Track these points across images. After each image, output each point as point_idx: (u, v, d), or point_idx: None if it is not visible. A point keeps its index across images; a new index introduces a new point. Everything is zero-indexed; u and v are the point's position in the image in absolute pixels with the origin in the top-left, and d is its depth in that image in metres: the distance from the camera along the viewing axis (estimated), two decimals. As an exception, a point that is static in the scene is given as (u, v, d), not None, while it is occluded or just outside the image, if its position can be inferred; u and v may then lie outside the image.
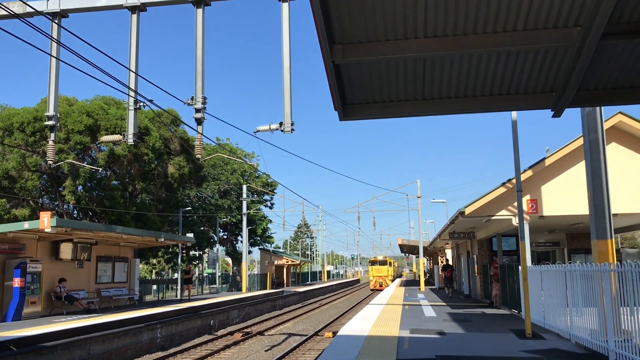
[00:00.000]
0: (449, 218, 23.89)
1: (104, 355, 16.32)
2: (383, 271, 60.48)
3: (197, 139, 14.61)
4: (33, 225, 18.07)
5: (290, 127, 14.08)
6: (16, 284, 19.12)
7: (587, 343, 10.56)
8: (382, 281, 59.30)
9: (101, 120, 31.36)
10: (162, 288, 44.25)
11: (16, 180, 30.19)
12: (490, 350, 10.71)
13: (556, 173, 17.76)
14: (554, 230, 24.97)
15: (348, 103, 7.01)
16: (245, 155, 58.30)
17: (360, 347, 11.22)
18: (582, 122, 11.46)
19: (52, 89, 14.73)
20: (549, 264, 13.76)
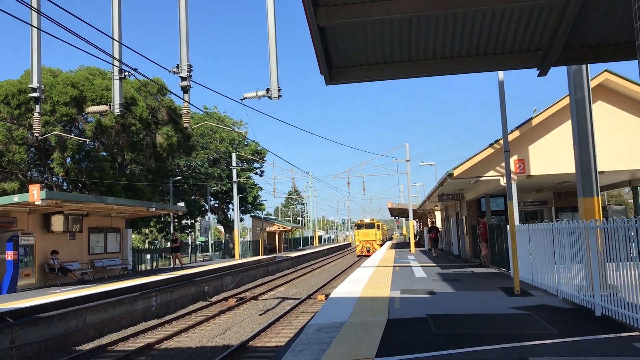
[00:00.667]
0: (438, 180, 24.06)
1: (100, 325, 16.50)
2: (370, 235, 54.48)
3: (184, 107, 14.57)
4: (23, 198, 18.02)
5: (277, 93, 14.06)
6: (9, 257, 19.16)
7: (574, 298, 10.81)
8: (370, 246, 53.45)
9: (87, 91, 31.00)
10: (155, 257, 44.48)
11: (3, 154, 29.95)
12: (480, 308, 10.95)
13: (543, 133, 17.86)
14: (542, 190, 25.25)
15: (334, 67, 7.00)
16: (233, 123, 57.99)
17: (352, 308, 11.42)
18: (568, 81, 11.49)
19: (34, 60, 14.56)
20: (536, 223, 13.95)
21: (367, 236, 54.48)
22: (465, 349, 7.34)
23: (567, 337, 7.92)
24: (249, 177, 59.03)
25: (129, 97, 31.72)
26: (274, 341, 14.48)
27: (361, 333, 8.69)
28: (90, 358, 13.60)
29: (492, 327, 8.94)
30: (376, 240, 54.54)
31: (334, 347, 7.75)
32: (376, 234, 54.92)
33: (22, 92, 29.06)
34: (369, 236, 54.43)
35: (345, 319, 10.08)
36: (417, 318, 10.00)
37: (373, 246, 53.11)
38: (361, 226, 55.97)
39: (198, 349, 13.98)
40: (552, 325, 8.89)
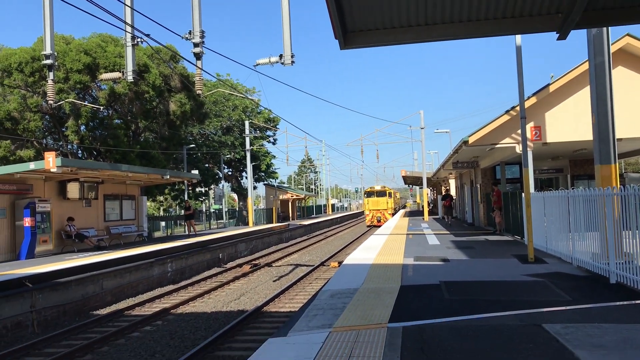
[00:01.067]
0: (453, 148, 23.87)
1: (117, 290, 16.77)
2: (381, 204, 50.65)
3: (196, 74, 14.48)
4: (39, 165, 18.17)
5: (291, 59, 13.92)
6: (27, 224, 19.44)
7: (589, 266, 10.77)
8: (381, 215, 49.98)
9: (100, 58, 30.93)
10: (170, 224, 44.94)
11: (19, 121, 30.12)
12: (493, 275, 10.95)
13: (560, 99, 17.58)
14: (558, 157, 24.99)
15: (349, 31, 6.86)
16: (246, 90, 57.72)
17: (366, 275, 11.48)
18: (587, 45, 11.22)
19: (47, 27, 14.50)
20: (552, 190, 13.83)
21: (377, 205, 50.72)
22: (478, 315, 7.36)
23: (581, 304, 7.91)
24: (262, 145, 59.00)
25: (141, 64, 31.62)
26: (287, 307, 14.64)
27: (374, 299, 8.74)
28: (108, 322, 13.86)
29: (506, 293, 8.95)
30: (387, 210, 50.41)
31: (347, 313, 7.81)
32: (387, 203, 50.72)
33: (35, 60, 29.06)
34: (379, 205, 50.62)
35: (359, 286, 10.13)
36: (430, 285, 10.03)
37: (384, 216, 49.59)
38: (371, 194, 51.84)
39: (213, 313, 14.19)
40: (566, 292, 8.87)
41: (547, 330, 6.38)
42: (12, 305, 12.87)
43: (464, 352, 5.67)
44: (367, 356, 5.64)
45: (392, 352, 5.73)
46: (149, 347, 11.14)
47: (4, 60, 29.62)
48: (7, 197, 19.60)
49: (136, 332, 12.57)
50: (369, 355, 5.68)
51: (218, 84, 50.09)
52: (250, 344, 10.71)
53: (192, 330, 12.40)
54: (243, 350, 10.34)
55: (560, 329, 6.43)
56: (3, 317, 12.53)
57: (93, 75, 30.87)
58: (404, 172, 55.50)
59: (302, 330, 6.99)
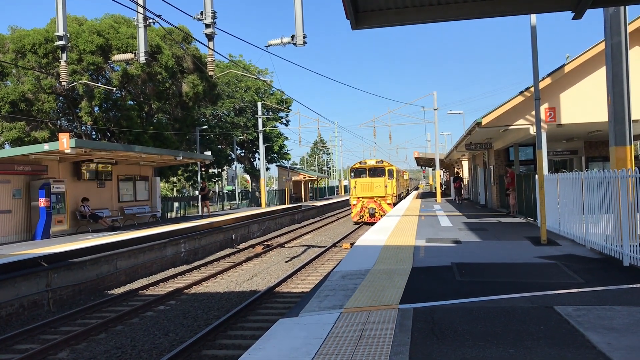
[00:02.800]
0: (466, 129, 23.70)
1: (130, 270, 16.97)
2: (377, 188, 34.25)
3: (209, 55, 14.45)
4: (53, 146, 18.32)
5: (302, 39, 13.83)
6: (42, 204, 19.67)
7: (602, 248, 10.71)
8: (376, 207, 33.94)
9: (112, 39, 30.94)
10: (183, 205, 45.24)
11: (33, 102, 30.30)
12: (506, 257, 10.92)
13: (576, 80, 17.34)
14: (572, 139, 24.72)
15: (360, 11, 6.79)
16: (258, 72, 57.58)
17: (377, 256, 11.50)
18: (604, 25, 11.03)
19: (60, 8, 14.50)
20: (566, 172, 13.72)
21: (369, 190, 34.26)
22: (490, 297, 7.36)
23: (594, 286, 7.88)
24: (274, 127, 58.95)
25: (154, 45, 31.61)
26: (300, 287, 14.74)
27: (386, 280, 8.76)
28: (122, 301, 14.04)
29: (518, 275, 8.93)
30: (386, 197, 33.90)
31: (359, 294, 7.84)
32: (386, 187, 34.17)
33: (48, 41, 29.13)
34: (373, 190, 34.21)
35: (370, 267, 10.16)
36: (442, 266, 10.03)
37: (381, 207, 33.77)
38: (361, 172, 35.19)
39: (226, 293, 14.32)
40: (579, 274, 8.84)
41: (558, 313, 6.37)
42: (29, 284, 13.07)
43: (474, 333, 5.68)
44: (378, 337, 5.67)
45: (402, 333, 5.76)
46: (162, 327, 11.29)
47: (18, 41, 29.72)
48: (22, 178, 19.80)
49: (150, 311, 12.73)
50: (380, 336, 5.71)
51: (230, 65, 49.96)
52: (262, 324, 10.82)
53: (205, 310, 12.54)
54: (255, 330, 10.45)
55: (572, 311, 6.42)
56: (20, 296, 12.74)
57: (106, 56, 30.92)
58: (417, 154, 55.04)
59: (313, 310, 7.04)
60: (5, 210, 19.08)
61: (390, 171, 34.80)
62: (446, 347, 5.26)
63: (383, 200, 33.71)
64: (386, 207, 33.29)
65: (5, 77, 31.26)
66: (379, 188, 33.90)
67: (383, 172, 34.52)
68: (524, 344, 5.29)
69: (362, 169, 35.07)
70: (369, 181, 34.29)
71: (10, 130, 30.23)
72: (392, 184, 34.50)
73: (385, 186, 33.89)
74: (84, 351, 9.84)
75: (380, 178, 34.13)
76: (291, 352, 5.31)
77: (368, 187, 34.02)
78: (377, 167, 34.83)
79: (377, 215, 33.01)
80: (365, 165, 35.14)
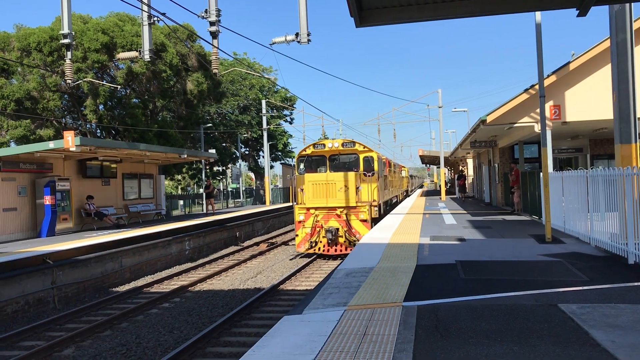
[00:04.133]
0: (471, 127, 23.65)
1: (135, 267, 17.02)
2: (339, 191, 19.03)
3: (213, 53, 14.46)
4: (58, 144, 18.37)
5: (307, 37, 13.83)
6: (47, 202, 19.74)
7: (607, 246, 10.68)
8: (340, 227, 19.08)
9: (117, 37, 31.00)
10: (188, 203, 45.29)
11: (38, 100, 30.41)
12: (510, 255, 10.91)
13: (581, 78, 17.28)
14: (577, 136, 24.63)
15: (364, 8, 6.79)
16: (263, 70, 57.60)
17: (381, 254, 11.50)
18: (609, 22, 10.99)
19: (65, 7, 14.54)
20: (570, 170, 13.69)
21: (328, 194, 19.24)
22: (493, 295, 7.35)
23: (598, 284, 7.86)
24: (279, 125, 58.97)
25: (158, 43, 31.64)
26: (304, 285, 14.76)
27: (390, 278, 8.77)
28: (127, 299, 14.09)
29: (522, 273, 8.92)
30: (358, 209, 19.23)
31: (363, 291, 7.85)
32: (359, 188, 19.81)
33: (53, 39, 29.21)
34: (333, 195, 19.20)
35: (374, 264, 10.17)
36: (446, 264, 10.03)
37: (350, 227, 19.15)
38: (315, 162, 21.75)
39: (230, 291, 14.36)
40: (583, 272, 8.82)
41: (562, 310, 6.36)
42: (34, 281, 13.13)
43: (478, 331, 5.69)
44: (382, 334, 5.68)
45: (406, 331, 5.77)
46: (167, 324, 11.32)
47: (23, 39, 29.82)
48: (27, 176, 19.88)
49: (154, 308, 12.78)
50: (384, 333, 5.72)
51: (235, 63, 50.01)
52: (266, 321, 10.84)
53: (210, 308, 12.57)
54: (259, 328, 10.48)
55: (576, 309, 6.41)
56: (25, 293, 12.80)
57: (111, 54, 30.98)
58: (422, 152, 54.91)
59: (317, 308, 7.05)
60: (10, 208, 19.16)
61: (369, 161, 20.77)
62: (450, 345, 5.26)
63: (354, 214, 18.93)
64: (359, 227, 18.80)
65: (10, 75, 31.36)
66: (346, 191, 18.83)
67: (355, 162, 20.79)
68: (528, 341, 5.28)
69: (316, 156, 21.00)
70: (328, 179, 19.11)
71: (15, 129, 30.34)
72: (371, 185, 20.44)
73: (357, 188, 19.18)
74: (89, 348, 9.89)
75: (349, 174, 19.18)
76: (295, 349, 5.33)
77: (326, 190, 18.94)
78: (344, 152, 20.84)
79: (342, 244, 18.81)
80: (323, 150, 20.66)
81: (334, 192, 18.90)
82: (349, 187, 18.93)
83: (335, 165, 21.07)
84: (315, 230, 19.08)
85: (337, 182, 18.91)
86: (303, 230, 19.30)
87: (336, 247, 19.00)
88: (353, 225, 18.98)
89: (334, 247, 19.01)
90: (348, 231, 18.89)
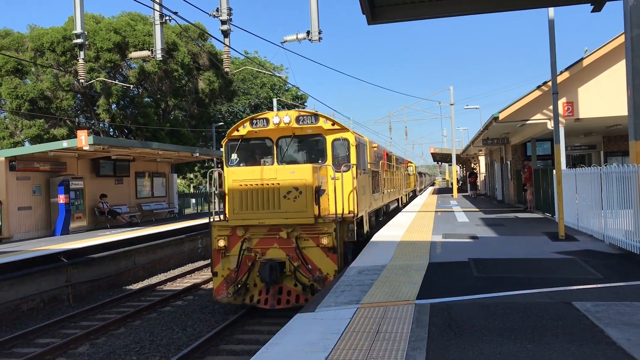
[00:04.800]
0: (483, 124, 23.54)
1: (149, 265, 17.13)
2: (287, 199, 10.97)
3: (224, 52, 14.51)
4: (71, 143, 18.53)
5: (318, 35, 13.82)
6: (61, 201, 19.92)
7: (621, 243, 10.59)
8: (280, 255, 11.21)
9: (129, 37, 31.19)
10: (200, 201, 45.45)
11: (52, 100, 30.68)
12: (523, 252, 10.85)
13: (594, 74, 17.13)
14: (590, 133, 24.45)
15: (376, 6, 6.79)
16: (274, 68, 57.64)
17: (394, 252, 11.48)
18: (624, 17, 10.87)
19: (77, 7, 14.63)
20: (584, 167, 13.60)
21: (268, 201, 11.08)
22: (507, 293, 7.31)
23: (613, 282, 7.80)
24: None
25: (170, 42, 31.80)
26: (316, 283, 14.74)
27: (402, 276, 8.75)
28: (140, 296, 14.18)
29: (536, 271, 8.86)
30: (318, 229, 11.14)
31: (375, 289, 7.84)
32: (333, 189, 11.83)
33: (66, 39, 29.44)
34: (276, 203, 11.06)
35: (387, 262, 10.15)
36: (459, 262, 9.99)
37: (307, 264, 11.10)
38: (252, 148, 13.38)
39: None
40: (597, 270, 8.76)
41: (577, 308, 6.32)
42: (49, 279, 13.27)
43: (492, 329, 5.66)
44: (395, 332, 5.68)
45: (419, 329, 5.76)
46: (180, 321, 11.39)
47: (37, 40, 30.09)
48: (41, 175, 20.06)
49: (168, 306, 12.86)
50: (397, 331, 5.71)
51: (246, 61, 50.10)
52: (279, 319, 10.84)
53: (223, 305, 12.62)
54: (272, 325, 10.50)
55: (591, 307, 6.36)
56: (40, 291, 12.93)
57: (123, 54, 31.18)
58: (433, 149, 54.66)
59: (330, 306, 7.06)
60: (25, 206, 19.35)
61: (342, 146, 13.06)
62: (464, 343, 5.25)
63: (311, 237, 11.29)
64: (320, 260, 11.24)
65: (24, 75, 31.66)
66: (297, 198, 11.11)
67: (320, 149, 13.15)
68: (542, 339, 5.26)
69: (256, 139, 13.34)
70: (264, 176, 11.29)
71: (29, 128, 30.64)
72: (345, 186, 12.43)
73: (316, 192, 11.21)
74: (104, 345, 9.97)
75: (303, 167, 11.36)
76: (308, 347, 5.34)
77: (263, 197, 11.22)
78: (301, 133, 13.10)
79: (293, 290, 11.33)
80: (265, 128, 12.97)
81: (276, 199, 10.98)
82: (304, 191, 10.94)
83: (288, 153, 13.02)
84: (246, 265, 11.25)
85: (282, 182, 10.95)
86: (225, 265, 11.43)
87: (280, 295, 11.19)
88: (309, 257, 11.12)
89: (278, 296, 11.15)
90: (301, 267, 11.08)
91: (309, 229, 11.08)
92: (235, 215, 11.18)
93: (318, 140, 12.97)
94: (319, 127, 12.62)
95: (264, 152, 13.21)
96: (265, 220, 11.02)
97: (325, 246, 11.02)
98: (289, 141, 13.02)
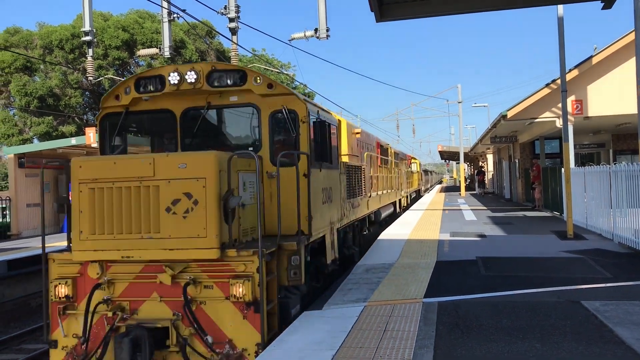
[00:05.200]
0: (491, 122, 23.47)
1: (157, 262, 17.14)
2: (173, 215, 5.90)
3: (232, 49, 14.54)
4: (80, 141, 18.60)
5: (326, 33, 13.81)
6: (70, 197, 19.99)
7: (631, 243, 10.52)
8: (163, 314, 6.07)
9: (137, 34, 31.29)
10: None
11: (60, 97, 30.84)
12: (532, 251, 10.81)
13: (604, 72, 17.02)
14: (599, 132, 24.31)
15: (384, 3, 6.76)
16: (281, 65, 57.64)
17: (401, 250, 11.47)
18: (634, 14, 10.78)
19: (86, 4, 14.68)
20: (593, 166, 13.53)
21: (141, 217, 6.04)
22: (515, 291, 7.29)
23: (622, 281, 7.76)
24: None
25: (178, 40, 31.87)
26: (323, 281, 14.74)
27: (410, 274, 8.74)
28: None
29: (544, 270, 8.83)
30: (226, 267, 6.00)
31: (382, 287, 7.83)
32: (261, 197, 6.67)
33: (75, 37, 29.58)
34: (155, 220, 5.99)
35: (394, 261, 10.14)
36: (466, 260, 9.97)
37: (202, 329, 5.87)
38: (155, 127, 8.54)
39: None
40: (606, 269, 8.71)
41: (585, 307, 6.29)
42: (57, 276, 13.29)
43: (500, 327, 5.64)
44: (402, 330, 5.67)
45: (427, 327, 5.75)
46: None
47: (45, 37, 30.24)
48: (50, 172, 20.15)
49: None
50: (404, 329, 5.71)
51: (254, 59, 50.11)
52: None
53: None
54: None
55: (600, 306, 6.33)
56: (49, 288, 12.96)
57: (131, 51, 31.29)
58: (441, 147, 54.51)
59: (337, 304, 7.06)
60: (34, 203, 19.44)
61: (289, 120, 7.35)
62: (471, 341, 5.23)
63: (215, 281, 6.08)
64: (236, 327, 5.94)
65: (33, 72, 31.83)
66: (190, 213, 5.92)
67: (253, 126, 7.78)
68: (550, 338, 5.23)
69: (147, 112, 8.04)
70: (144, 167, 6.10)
71: (38, 125, 30.81)
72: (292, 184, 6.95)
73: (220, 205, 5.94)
74: (112, 342, 9.98)
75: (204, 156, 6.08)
76: (316, 345, 5.34)
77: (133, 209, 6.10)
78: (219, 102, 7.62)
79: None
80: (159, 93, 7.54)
81: (153, 214, 6.06)
82: (201, 200, 5.95)
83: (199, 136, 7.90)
84: (103, 332, 6.24)
85: (164, 185, 6.05)
86: (71, 329, 6.47)
87: None
88: (212, 318, 6.08)
89: None
90: (196, 336, 6.02)
91: (211, 268, 6.07)
92: (83, 242, 6.37)
93: (247, 113, 7.72)
94: (247, 90, 7.38)
95: (164, 133, 8.38)
96: (134, 252, 6.10)
97: (241, 299, 5.89)
98: (201, 115, 7.67)
